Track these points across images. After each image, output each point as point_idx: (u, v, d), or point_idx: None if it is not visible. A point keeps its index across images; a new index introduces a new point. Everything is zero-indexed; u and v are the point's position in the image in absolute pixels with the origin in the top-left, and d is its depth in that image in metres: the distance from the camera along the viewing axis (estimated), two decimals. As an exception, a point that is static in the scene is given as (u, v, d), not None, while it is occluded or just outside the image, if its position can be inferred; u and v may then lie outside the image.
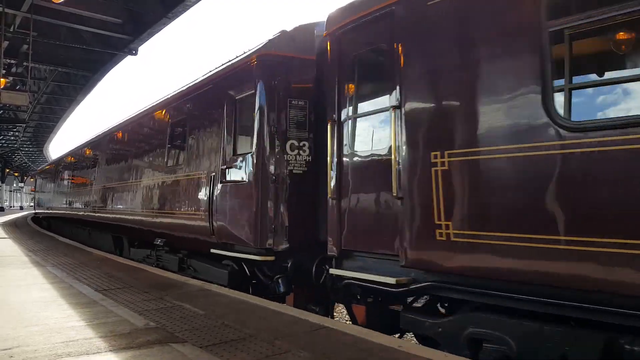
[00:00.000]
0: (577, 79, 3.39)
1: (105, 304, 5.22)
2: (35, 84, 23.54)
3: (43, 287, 6.36)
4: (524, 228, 3.24)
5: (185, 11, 13.50)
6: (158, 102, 10.42)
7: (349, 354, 3.51)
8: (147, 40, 15.89)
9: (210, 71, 8.01)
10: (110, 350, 3.56)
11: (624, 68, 3.56)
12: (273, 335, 3.94)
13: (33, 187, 40.61)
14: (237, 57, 7.09)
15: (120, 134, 12.98)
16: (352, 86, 5.05)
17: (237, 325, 4.31)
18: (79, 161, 18.12)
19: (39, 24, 14.20)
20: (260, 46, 6.39)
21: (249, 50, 6.70)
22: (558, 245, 3.05)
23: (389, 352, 3.52)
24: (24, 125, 29.88)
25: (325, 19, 5.49)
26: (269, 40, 6.37)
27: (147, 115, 10.90)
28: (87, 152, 16.68)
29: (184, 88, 8.99)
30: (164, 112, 9.77)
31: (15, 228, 21.81)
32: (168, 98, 9.71)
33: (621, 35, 3.20)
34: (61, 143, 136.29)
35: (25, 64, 15.13)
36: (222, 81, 7.24)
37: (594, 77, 3.62)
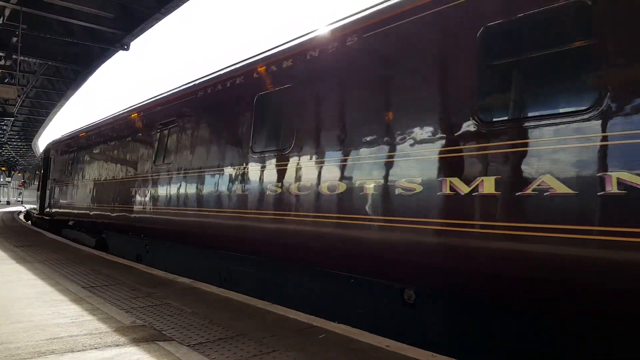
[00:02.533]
0: None
1: (92, 301, 5.15)
2: (25, 77, 23.23)
3: (29, 283, 6.28)
4: None
5: (178, 7, 13.43)
6: None
7: (338, 353, 3.50)
8: (139, 35, 15.76)
9: None
10: (95, 348, 3.52)
11: None
12: (262, 334, 3.92)
13: (40, 174, 20.17)
14: None
15: None
16: None
17: (226, 323, 4.28)
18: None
19: (28, 17, 14.00)
20: None
21: None
22: None
23: (377, 351, 3.52)
24: (12, 118, 29.49)
25: None
26: None
27: None
28: None
29: None
30: None
31: (2, 223, 21.51)
32: None
33: None
34: (51, 138, 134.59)
35: (14, 56, 14.91)
36: None
37: None
